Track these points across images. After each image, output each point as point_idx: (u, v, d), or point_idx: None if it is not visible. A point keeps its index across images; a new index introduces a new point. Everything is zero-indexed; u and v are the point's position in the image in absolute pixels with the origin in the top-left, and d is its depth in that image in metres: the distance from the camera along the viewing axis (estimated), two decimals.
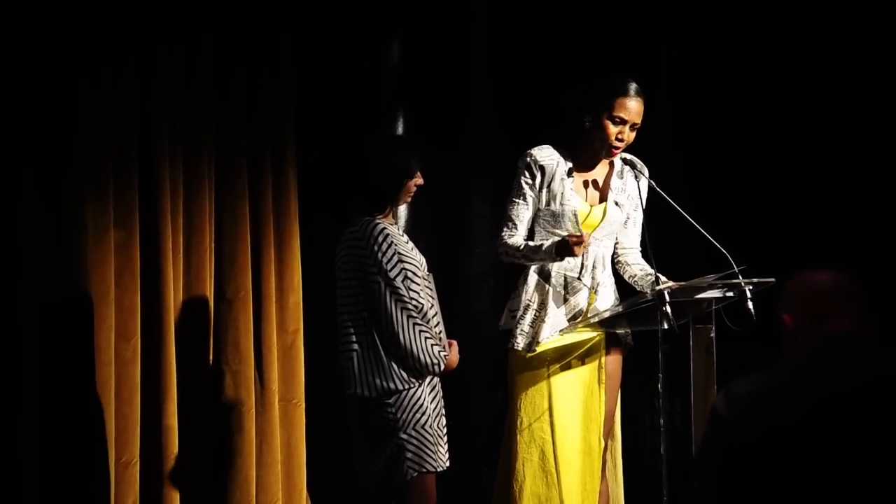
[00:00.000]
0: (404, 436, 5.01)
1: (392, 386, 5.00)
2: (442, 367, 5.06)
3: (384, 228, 5.07)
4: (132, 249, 5.64)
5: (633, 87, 5.33)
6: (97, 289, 5.51)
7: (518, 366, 5.44)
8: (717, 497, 3.08)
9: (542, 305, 5.39)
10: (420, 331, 5.01)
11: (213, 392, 5.93)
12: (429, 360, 5.02)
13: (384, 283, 5.01)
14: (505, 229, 5.42)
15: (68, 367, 5.46)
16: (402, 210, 6.42)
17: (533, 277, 5.43)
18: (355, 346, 5.05)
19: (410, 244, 5.19)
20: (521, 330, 5.40)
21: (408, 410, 5.02)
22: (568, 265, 5.40)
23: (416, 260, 5.14)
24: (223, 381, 5.94)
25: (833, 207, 6.76)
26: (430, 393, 5.11)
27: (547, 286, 5.40)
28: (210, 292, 5.95)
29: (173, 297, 5.75)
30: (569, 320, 5.40)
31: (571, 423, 5.38)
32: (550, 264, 5.38)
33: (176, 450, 5.72)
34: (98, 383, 5.48)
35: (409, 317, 5.01)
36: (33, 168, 5.42)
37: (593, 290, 5.42)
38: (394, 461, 5.03)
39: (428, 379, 5.10)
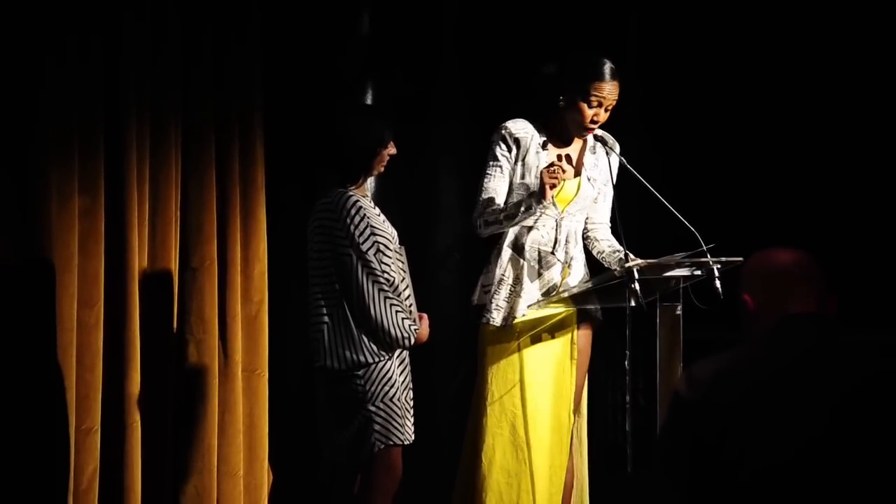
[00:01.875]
0: (372, 408, 5.00)
1: (362, 359, 4.99)
2: (412, 340, 5.05)
3: (357, 200, 5.05)
4: (97, 216, 5.58)
5: (609, 69, 5.31)
6: (60, 255, 5.45)
7: (489, 339, 5.42)
8: (685, 480, 3.06)
9: (517, 280, 5.38)
10: (391, 304, 4.99)
11: (177, 361, 5.89)
12: (399, 334, 5.00)
13: (356, 255, 4.99)
14: (481, 201, 5.38)
15: (29, 332, 5.41)
16: (369, 182, 6.38)
17: (507, 252, 5.41)
18: (326, 319, 5.03)
19: (382, 217, 5.17)
20: (497, 305, 5.38)
21: (377, 383, 5.00)
22: (542, 239, 5.38)
23: (388, 233, 5.12)
24: (187, 350, 5.90)
25: (801, 185, 6.78)
26: (398, 366, 5.10)
27: (521, 261, 5.39)
28: (175, 261, 5.90)
29: (138, 265, 5.70)
30: (542, 295, 5.38)
31: (542, 397, 5.38)
32: (524, 238, 5.35)
33: (138, 417, 5.67)
34: (59, 349, 5.43)
35: (380, 290, 4.99)
36: None
37: (566, 264, 5.42)
38: (361, 433, 5.02)
39: (397, 352, 5.08)
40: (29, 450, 5.36)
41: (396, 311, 4.99)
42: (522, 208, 5.25)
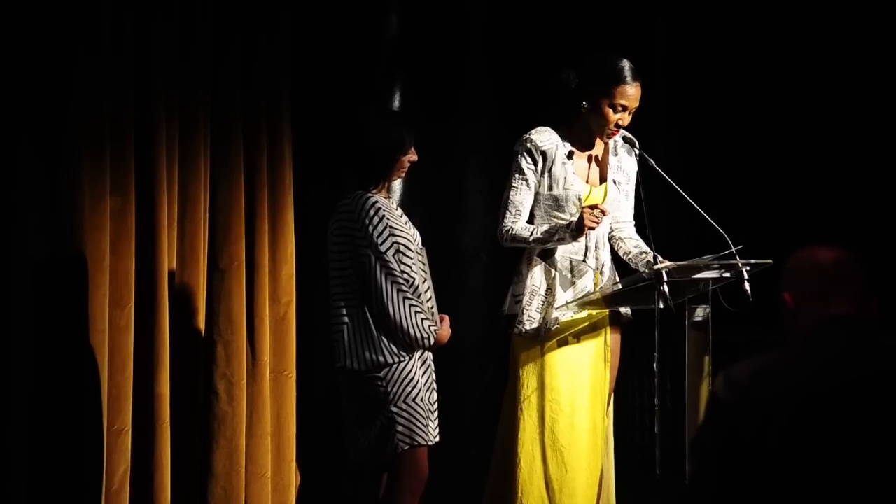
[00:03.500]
0: (395, 409, 5.00)
1: (382, 359, 4.99)
2: (432, 341, 5.04)
3: (376, 202, 5.05)
4: (128, 216, 5.61)
5: (632, 72, 5.28)
6: (92, 255, 5.48)
7: (522, 347, 5.38)
8: (717, 484, 3.04)
9: (550, 291, 5.34)
10: (410, 305, 4.99)
11: (205, 362, 5.91)
12: (418, 335, 5.00)
13: (374, 256, 4.99)
14: (507, 215, 5.35)
15: (61, 333, 5.43)
16: (396, 183, 6.40)
17: (537, 262, 5.36)
18: (346, 320, 5.04)
19: (405, 218, 5.17)
20: (529, 316, 5.34)
21: (398, 384, 5.00)
22: (572, 248, 5.35)
23: (410, 234, 5.12)
24: (215, 351, 5.92)
25: (831, 186, 6.77)
26: (421, 367, 5.10)
27: (553, 271, 5.35)
28: (203, 262, 5.92)
29: (167, 266, 5.73)
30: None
31: (579, 401, 5.35)
32: (555, 248, 5.34)
33: (168, 418, 5.70)
34: (91, 350, 5.45)
35: (399, 290, 4.99)
36: (30, 131, 5.38)
37: (598, 271, 5.40)
38: (384, 434, 5.02)
39: (419, 353, 5.09)
40: (61, 451, 5.39)
41: (416, 312, 5.00)
42: (556, 237, 5.25)
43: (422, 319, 5.00)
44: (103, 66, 5.54)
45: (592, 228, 5.18)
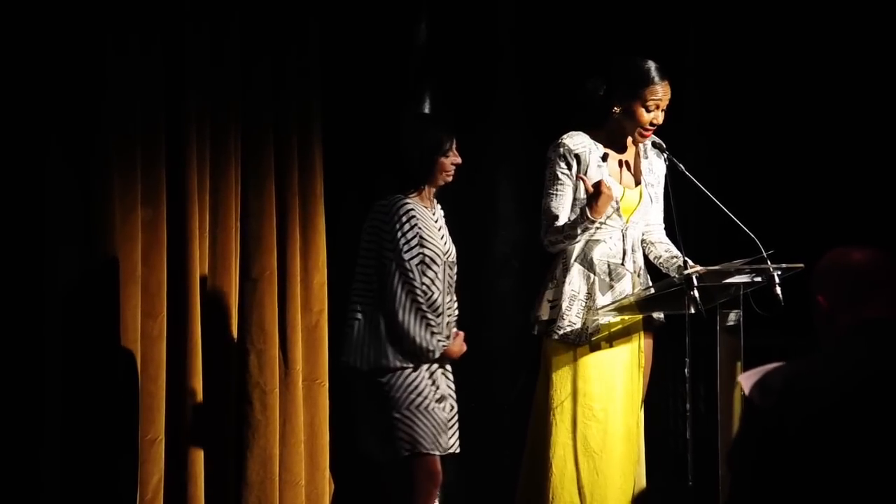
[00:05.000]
0: (397, 415, 5.03)
1: (384, 362, 5.01)
2: (437, 355, 5.04)
3: (411, 208, 5.05)
4: (159, 227, 5.63)
5: (659, 72, 5.29)
6: (124, 266, 5.50)
7: (556, 351, 5.36)
8: (752, 489, 3.01)
9: (589, 295, 5.32)
10: (421, 316, 4.99)
11: (238, 371, 5.92)
12: (424, 346, 5.00)
13: (396, 262, 5.00)
14: (546, 220, 5.33)
15: (94, 343, 5.46)
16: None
17: (576, 267, 5.33)
18: (359, 316, 5.07)
19: (443, 231, 5.16)
20: (570, 321, 5.30)
21: (401, 390, 5.02)
22: (610, 251, 5.34)
23: (440, 246, 5.11)
24: (248, 360, 5.93)
25: (863, 189, 6.73)
26: (429, 377, 5.08)
27: (592, 275, 5.33)
28: (235, 271, 5.94)
29: (199, 276, 5.75)
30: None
31: (612, 406, 5.33)
32: (592, 252, 5.32)
33: (201, 428, 5.72)
34: (124, 360, 5.48)
35: (413, 301, 4.99)
36: (61, 143, 5.41)
37: (636, 273, 5.39)
38: (387, 437, 5.04)
39: (427, 365, 5.08)
40: (96, 461, 5.41)
41: (426, 325, 4.99)
42: (579, 230, 5.24)
43: (431, 333, 5.00)
44: (133, 76, 5.56)
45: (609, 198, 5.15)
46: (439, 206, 5.33)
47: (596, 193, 5.15)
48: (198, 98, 5.77)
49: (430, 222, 5.12)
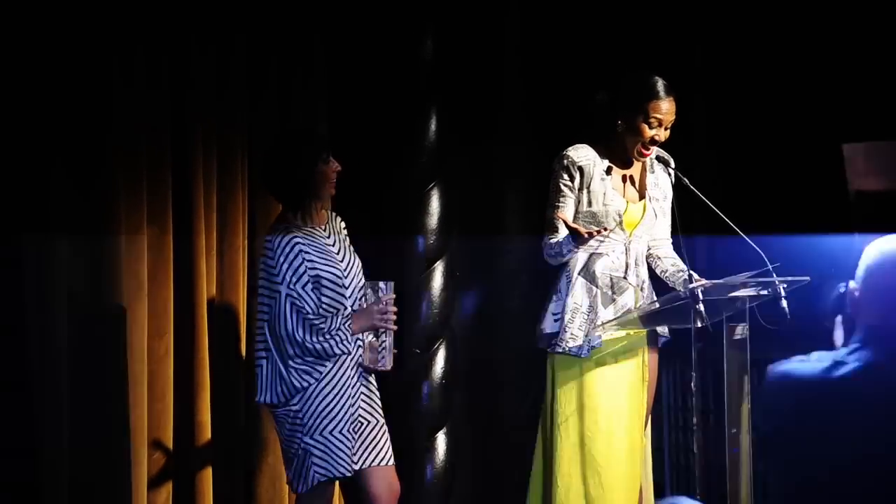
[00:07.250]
0: (310, 441, 5.02)
1: (295, 385, 4.99)
2: (334, 351, 5.01)
3: (295, 239, 5.02)
4: (165, 246, 5.65)
5: (663, 87, 5.30)
6: (130, 285, 5.52)
7: (560, 365, 5.37)
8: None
9: (591, 308, 5.34)
10: (310, 324, 4.97)
11: (246, 389, 5.92)
12: (314, 341, 4.97)
13: (285, 293, 4.99)
14: (548, 234, 5.36)
15: (101, 363, 5.47)
16: (434, 206, 6.40)
17: (578, 280, 5.35)
18: (264, 354, 5.05)
19: (338, 245, 5.14)
20: (572, 334, 5.31)
21: (314, 416, 5.00)
22: (613, 265, 5.35)
23: (336, 265, 5.09)
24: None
25: (866, 207, 6.73)
26: (341, 397, 5.06)
27: (594, 288, 5.34)
28: (243, 289, 5.95)
29: (206, 295, 5.76)
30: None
31: (617, 421, 5.33)
32: (595, 265, 5.33)
33: (209, 446, 5.73)
34: (131, 380, 5.49)
35: (300, 316, 4.97)
36: (67, 163, 5.43)
37: (639, 287, 5.39)
38: (301, 464, 5.04)
39: (335, 381, 5.06)
40: (103, 480, 5.43)
41: (317, 331, 4.97)
42: (564, 251, 5.27)
43: (321, 334, 4.98)
44: (139, 96, 5.59)
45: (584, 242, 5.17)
46: (339, 219, 5.29)
47: (581, 236, 5.16)
48: (204, 117, 5.80)
49: (319, 244, 5.09)
